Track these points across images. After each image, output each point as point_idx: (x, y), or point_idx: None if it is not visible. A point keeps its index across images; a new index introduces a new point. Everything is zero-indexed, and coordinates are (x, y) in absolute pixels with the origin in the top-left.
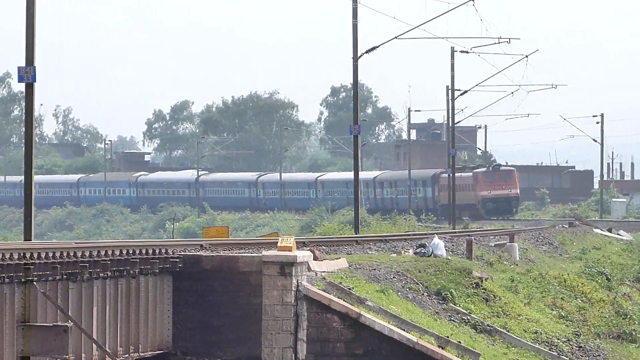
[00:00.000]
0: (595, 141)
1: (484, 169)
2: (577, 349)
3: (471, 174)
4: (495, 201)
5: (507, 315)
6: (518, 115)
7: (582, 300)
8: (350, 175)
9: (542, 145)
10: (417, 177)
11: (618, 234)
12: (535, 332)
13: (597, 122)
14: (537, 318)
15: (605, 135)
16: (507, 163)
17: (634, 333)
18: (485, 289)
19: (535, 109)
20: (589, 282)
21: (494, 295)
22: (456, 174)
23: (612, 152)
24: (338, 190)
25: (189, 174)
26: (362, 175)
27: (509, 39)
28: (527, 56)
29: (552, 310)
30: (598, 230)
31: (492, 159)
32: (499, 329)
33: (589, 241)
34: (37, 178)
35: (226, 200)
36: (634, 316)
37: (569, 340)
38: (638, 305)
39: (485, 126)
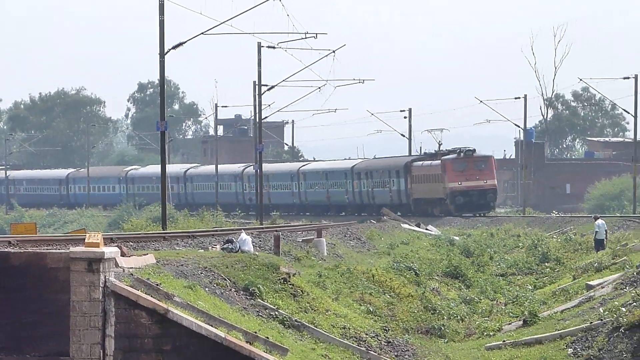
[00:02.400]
0: (403, 136)
1: (453, 155)
2: (386, 344)
3: (439, 161)
4: (466, 194)
5: (315, 310)
6: (325, 111)
7: (390, 296)
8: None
9: (350, 140)
10: (388, 166)
11: (426, 229)
12: (344, 327)
13: (405, 117)
14: (346, 313)
15: (413, 129)
16: (314, 158)
17: (442, 328)
18: (293, 285)
19: (342, 104)
20: (397, 277)
21: (301, 291)
22: (425, 162)
23: (420, 147)
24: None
25: None
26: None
27: (316, 34)
28: (334, 51)
29: (361, 305)
30: (406, 226)
31: (299, 154)
32: (307, 324)
33: (397, 236)
34: (23, 173)
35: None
36: (442, 311)
37: (377, 335)
38: (446, 300)
39: (293, 121)
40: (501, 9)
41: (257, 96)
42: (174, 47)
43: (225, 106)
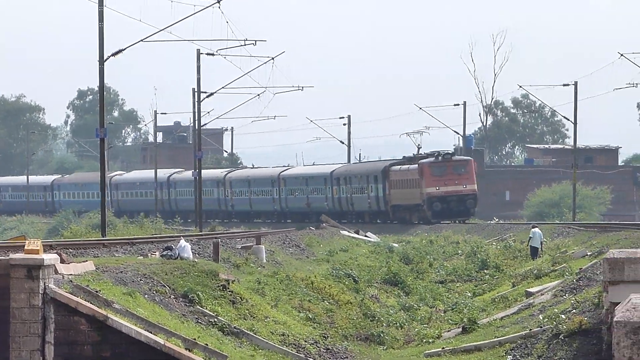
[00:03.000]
0: (343, 143)
1: (431, 159)
2: (325, 351)
3: (417, 165)
4: (444, 200)
5: (254, 317)
6: (264, 118)
7: (329, 303)
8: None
9: (289, 147)
10: (367, 171)
11: (365, 236)
12: (283, 334)
13: (344, 124)
14: (285, 320)
15: (352, 136)
16: (253, 165)
17: (381, 335)
18: (232, 292)
19: (281, 111)
20: (337, 284)
21: (241, 298)
22: (402, 167)
23: (360, 154)
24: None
25: None
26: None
27: (255, 41)
28: (273, 58)
29: (300, 312)
30: (345, 232)
31: (238, 161)
32: (246, 331)
33: (336, 243)
34: (8, 180)
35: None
36: (381, 318)
37: (316, 342)
38: (385, 307)
39: (232, 128)
40: (440, 16)
41: (196, 103)
42: (114, 54)
43: (165, 113)
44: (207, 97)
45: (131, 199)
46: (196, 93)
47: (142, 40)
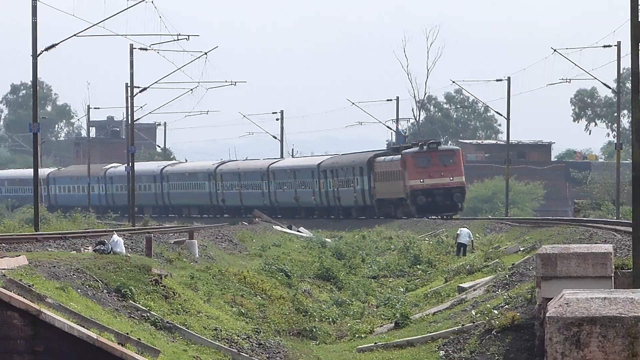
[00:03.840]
0: (275, 138)
1: (415, 149)
2: (257, 345)
3: (400, 156)
4: (429, 193)
5: (186, 312)
6: (197, 112)
7: (262, 298)
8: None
9: (222, 142)
10: (352, 163)
11: (298, 231)
12: (215, 329)
13: (277, 119)
14: (217, 315)
15: (285, 131)
16: (186, 160)
17: (314, 330)
18: (164, 286)
19: (214, 106)
20: (269, 279)
21: (173, 293)
22: (387, 157)
23: (292, 149)
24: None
25: None
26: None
27: (188, 36)
28: (206, 53)
29: (232, 307)
30: (278, 227)
31: (171, 156)
32: (179, 326)
33: (269, 238)
34: (5, 173)
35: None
36: (314, 313)
37: (249, 337)
38: (318, 302)
39: (165, 123)
40: (374, 12)
41: (129, 98)
42: (47, 49)
43: (98, 108)
44: (140, 91)
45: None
46: (129, 88)
47: (75, 35)
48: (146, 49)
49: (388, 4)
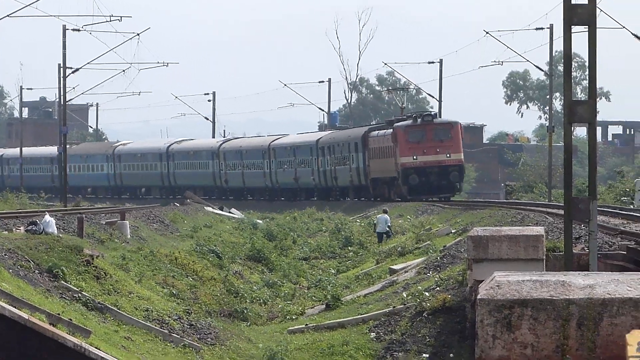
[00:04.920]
0: (207, 119)
1: (407, 122)
2: (189, 326)
3: (391, 130)
4: (423, 172)
5: (118, 293)
6: (130, 94)
7: (193, 279)
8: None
9: (154, 123)
10: (348, 139)
11: (230, 212)
12: (147, 310)
13: (209, 100)
14: (149, 296)
15: (217, 113)
16: (117, 141)
17: (245, 311)
18: (96, 267)
19: (147, 87)
20: (200, 260)
21: (105, 273)
22: (380, 132)
23: (224, 130)
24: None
25: None
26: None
27: (121, 17)
28: (138, 34)
29: (164, 288)
30: (209, 209)
31: (103, 137)
32: (110, 306)
33: (201, 219)
34: (10, 152)
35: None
36: (245, 294)
37: (180, 318)
38: (249, 283)
39: (97, 104)
40: None
41: (61, 79)
42: None
43: (31, 89)
44: (73, 72)
45: (138, 172)
46: (61, 69)
47: (8, 16)
48: (79, 30)
49: None
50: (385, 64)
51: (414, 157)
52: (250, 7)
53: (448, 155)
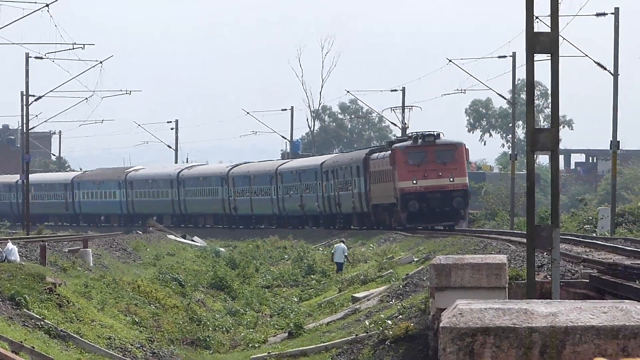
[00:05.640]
0: (170, 147)
1: (407, 143)
2: (151, 355)
3: (390, 152)
4: (423, 198)
5: (80, 321)
6: (92, 121)
7: (155, 307)
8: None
9: (116, 151)
10: (351, 161)
11: (192, 240)
12: (109, 338)
13: (172, 128)
14: (111, 324)
15: (180, 140)
16: (80, 169)
17: (207, 339)
18: (58, 295)
19: (109, 114)
20: (163, 288)
21: (67, 301)
22: (380, 154)
23: (187, 158)
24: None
25: None
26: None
27: (84, 44)
28: (101, 62)
29: (126, 316)
30: (172, 237)
31: (66, 164)
32: (73, 334)
33: (163, 247)
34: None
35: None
36: (207, 322)
37: (142, 346)
38: (212, 311)
39: (60, 132)
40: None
41: (24, 106)
42: None
43: None
44: (35, 100)
45: (149, 200)
46: (24, 96)
47: None
48: (42, 58)
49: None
50: (348, 91)
51: (414, 181)
52: (213, 35)
53: (451, 179)
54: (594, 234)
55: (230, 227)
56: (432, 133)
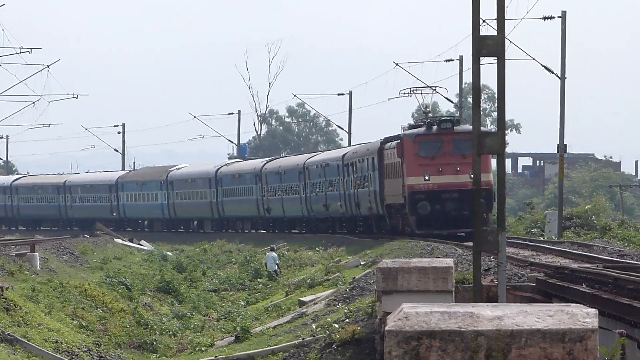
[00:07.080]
0: (117, 151)
1: (419, 130)
2: (98, 358)
3: (398, 141)
4: (437, 198)
5: (28, 324)
6: (39, 126)
7: (102, 310)
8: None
9: (64, 155)
10: (366, 153)
11: (139, 244)
12: (56, 342)
13: (119, 132)
14: (58, 328)
15: (127, 145)
16: (28, 173)
17: (154, 343)
18: (5, 299)
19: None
20: (110, 292)
21: (14, 305)
22: (391, 144)
23: (134, 162)
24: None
25: None
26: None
27: (31, 48)
28: (48, 66)
29: (73, 320)
30: (119, 240)
31: (14, 168)
32: (20, 338)
33: (110, 251)
34: (74, 178)
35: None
36: (154, 326)
37: (89, 350)
38: (159, 315)
39: (7, 136)
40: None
41: None
42: None
43: None
44: None
45: (190, 202)
46: None
47: None
48: None
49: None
50: (295, 95)
51: (426, 177)
52: (161, 38)
53: (472, 175)
54: (542, 238)
55: (268, 232)
56: (450, 118)
